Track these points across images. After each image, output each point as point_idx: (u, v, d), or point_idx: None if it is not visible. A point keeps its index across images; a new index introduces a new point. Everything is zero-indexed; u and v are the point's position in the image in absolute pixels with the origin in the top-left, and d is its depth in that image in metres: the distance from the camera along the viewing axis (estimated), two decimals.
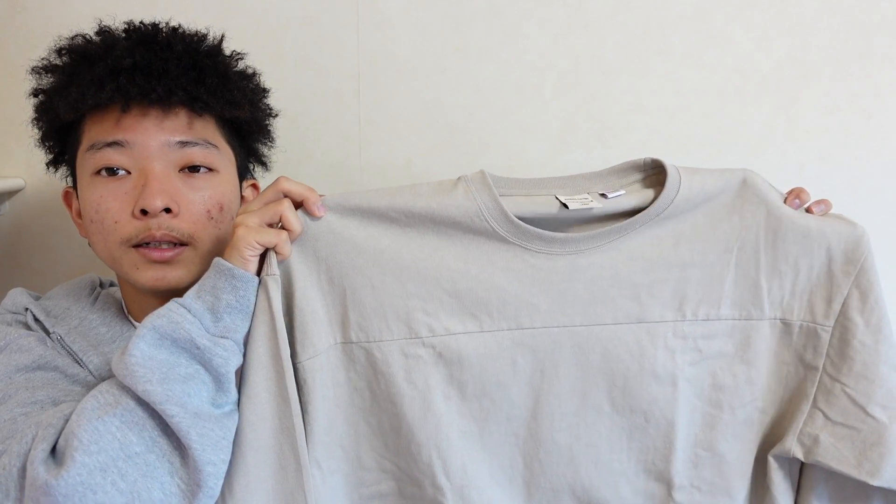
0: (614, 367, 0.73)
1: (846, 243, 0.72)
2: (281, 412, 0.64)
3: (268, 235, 0.63)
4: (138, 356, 0.58)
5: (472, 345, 0.71)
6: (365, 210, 0.68)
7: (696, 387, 0.75)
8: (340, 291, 0.69)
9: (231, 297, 0.62)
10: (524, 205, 0.71)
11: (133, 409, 0.57)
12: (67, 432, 0.56)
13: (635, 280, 0.72)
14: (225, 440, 0.60)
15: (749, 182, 0.72)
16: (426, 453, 0.71)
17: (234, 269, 0.62)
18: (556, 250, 0.71)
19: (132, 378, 0.57)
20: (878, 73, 0.95)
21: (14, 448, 0.56)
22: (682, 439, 0.75)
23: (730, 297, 0.74)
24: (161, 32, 0.73)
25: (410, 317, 0.70)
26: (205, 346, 0.60)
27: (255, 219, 0.63)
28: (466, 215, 0.69)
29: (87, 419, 0.56)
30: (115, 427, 0.56)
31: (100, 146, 0.70)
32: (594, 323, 0.72)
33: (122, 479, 0.55)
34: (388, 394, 0.71)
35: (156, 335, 0.59)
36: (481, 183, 0.69)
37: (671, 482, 0.76)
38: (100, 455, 0.54)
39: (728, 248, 0.73)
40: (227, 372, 0.62)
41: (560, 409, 0.73)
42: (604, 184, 0.75)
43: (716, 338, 0.74)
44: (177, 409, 0.57)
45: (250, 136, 0.82)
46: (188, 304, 0.62)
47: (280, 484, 0.64)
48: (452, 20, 0.99)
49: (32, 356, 0.67)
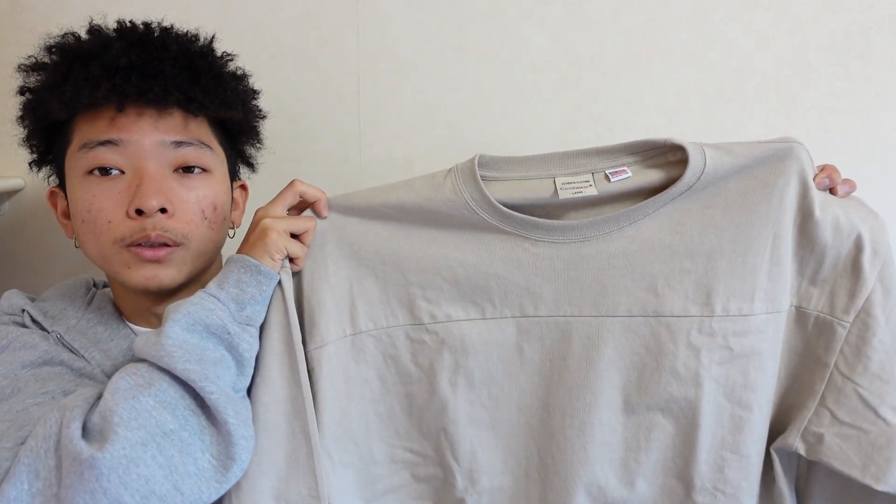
0: (629, 362, 0.70)
1: (872, 233, 0.67)
2: (293, 396, 0.66)
3: (295, 246, 0.68)
4: (175, 338, 0.61)
5: (476, 331, 0.71)
6: (364, 208, 0.71)
7: (725, 387, 0.70)
8: (346, 284, 0.71)
9: (255, 290, 0.66)
10: (515, 191, 0.70)
11: (166, 389, 0.59)
12: (104, 409, 0.57)
13: (652, 270, 0.68)
14: (251, 419, 0.64)
15: (796, 156, 0.65)
16: (434, 433, 0.73)
17: (261, 266, 0.66)
18: (558, 238, 0.69)
19: (170, 358, 0.59)
20: (878, 73, 0.95)
21: (39, 431, 0.57)
22: (705, 441, 0.71)
23: (763, 289, 0.68)
24: (154, 32, 0.73)
25: (413, 304, 0.72)
26: (234, 332, 0.64)
27: (285, 224, 0.68)
28: (455, 209, 0.69)
29: (124, 397, 0.58)
30: (151, 406, 0.58)
31: (93, 145, 0.70)
32: (605, 314, 0.70)
33: (161, 454, 0.57)
34: (398, 375, 0.73)
35: (190, 320, 0.62)
36: (468, 174, 0.69)
37: (691, 483, 0.72)
38: (140, 431, 0.56)
39: (764, 234, 0.66)
40: (250, 357, 0.65)
41: (571, 403, 0.71)
42: (612, 160, 0.69)
43: (749, 334, 0.68)
44: (214, 386, 0.60)
45: (240, 138, 0.82)
46: (216, 293, 0.65)
47: (292, 468, 0.66)
48: (452, 20, 0.99)
49: (37, 352, 0.68)
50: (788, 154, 0.65)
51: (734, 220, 0.66)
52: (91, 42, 0.71)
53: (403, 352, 0.72)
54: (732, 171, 0.66)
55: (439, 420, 0.73)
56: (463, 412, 0.72)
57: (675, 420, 0.71)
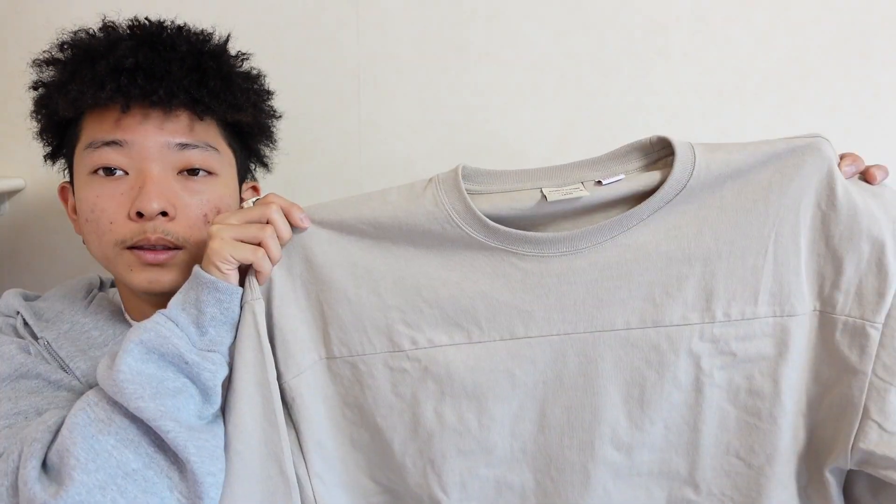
0: (629, 378, 0.66)
1: (894, 224, 0.62)
2: (267, 438, 0.63)
3: (243, 251, 0.62)
4: (126, 372, 0.57)
5: (461, 357, 0.66)
6: (334, 223, 0.65)
7: (728, 392, 0.67)
8: (318, 307, 0.67)
9: (215, 309, 0.61)
10: (501, 203, 0.65)
11: (127, 426, 0.57)
12: (61, 448, 0.55)
13: (648, 278, 0.64)
14: (219, 449, 0.60)
15: (820, 151, 0.62)
16: (419, 466, 0.68)
17: (217, 283, 0.61)
18: (547, 252, 0.65)
19: (122, 395, 0.56)
20: (878, 73, 0.95)
21: (1, 467, 0.55)
22: (709, 445, 0.68)
23: (768, 291, 0.64)
24: (166, 31, 0.72)
25: (391, 329, 0.66)
26: (193, 361, 0.60)
27: (231, 231, 0.62)
28: (437, 222, 0.64)
29: (82, 437, 0.55)
30: (111, 445, 0.55)
31: (98, 145, 0.70)
32: (601, 329, 0.66)
33: (121, 497, 0.54)
34: (378, 406, 0.68)
35: (143, 349, 0.58)
36: (451, 185, 0.64)
37: (698, 488, 0.69)
38: (98, 473, 0.54)
39: (764, 234, 0.63)
40: (214, 385, 0.61)
41: (569, 423, 0.67)
42: (601, 171, 0.66)
43: (754, 339, 0.65)
44: (172, 423, 0.56)
45: (252, 138, 0.81)
46: (174, 316, 0.61)
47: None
48: (452, 20, 0.99)
49: (13, 364, 0.67)
50: (812, 149, 0.62)
51: (730, 221, 0.64)
52: (101, 40, 0.71)
53: (382, 382, 0.67)
54: (728, 169, 0.63)
55: (425, 452, 0.68)
56: (450, 443, 0.67)
57: (677, 429, 0.68)
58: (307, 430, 0.67)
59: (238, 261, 0.62)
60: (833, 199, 0.63)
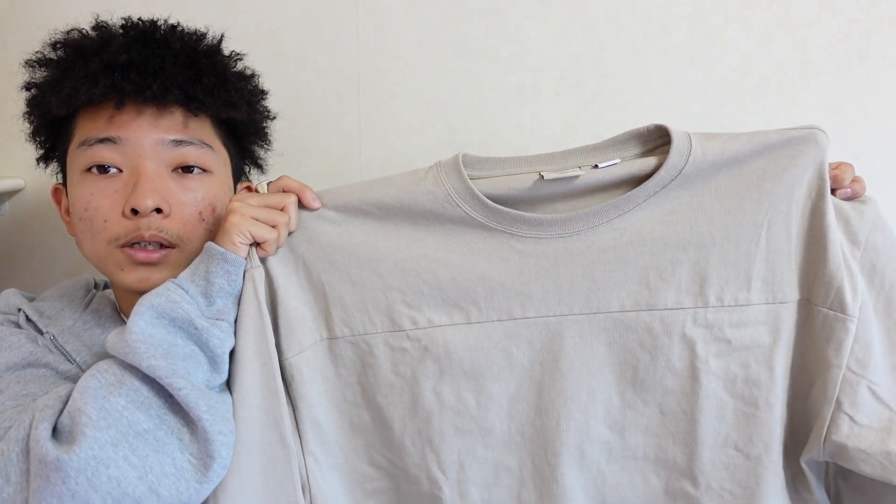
0: (623, 359, 0.68)
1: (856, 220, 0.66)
2: (268, 405, 0.64)
3: (261, 229, 0.65)
4: (138, 333, 0.58)
5: (460, 337, 0.68)
6: (338, 206, 0.68)
7: (724, 381, 0.67)
8: (320, 288, 0.69)
9: (223, 280, 0.64)
10: (499, 183, 0.67)
11: (138, 387, 0.57)
12: (73, 409, 0.56)
13: (643, 262, 0.66)
14: (229, 413, 0.61)
15: (817, 142, 0.64)
16: (418, 446, 0.70)
17: (226, 254, 0.64)
18: (545, 233, 0.66)
19: (135, 355, 0.57)
20: (878, 73, 0.95)
21: (12, 434, 0.56)
22: (707, 438, 0.68)
23: (761, 278, 0.65)
24: (159, 30, 0.72)
25: (392, 309, 0.68)
26: (202, 327, 0.61)
27: (250, 210, 0.65)
28: (437, 202, 0.66)
29: (93, 397, 0.56)
30: (122, 406, 0.56)
31: (91, 142, 0.69)
32: (596, 311, 0.67)
33: (133, 454, 0.55)
34: (378, 385, 0.69)
35: (154, 313, 0.60)
36: (452, 167, 0.66)
37: (696, 482, 0.70)
38: (110, 430, 0.55)
39: (757, 220, 0.65)
40: (222, 353, 0.63)
41: (566, 405, 0.69)
42: (599, 156, 0.68)
43: (748, 326, 0.66)
44: (183, 382, 0.57)
45: (246, 138, 0.81)
46: (184, 284, 0.63)
47: (269, 478, 0.64)
48: (452, 20, 0.99)
49: (22, 353, 0.67)
50: (808, 140, 0.64)
51: (725, 208, 0.65)
52: (94, 39, 0.71)
53: (383, 361, 0.69)
54: (724, 157, 0.64)
55: (423, 431, 0.69)
56: (449, 423, 0.69)
57: (673, 416, 0.69)
58: (305, 408, 0.68)
59: (254, 237, 0.65)
60: (824, 190, 0.64)
